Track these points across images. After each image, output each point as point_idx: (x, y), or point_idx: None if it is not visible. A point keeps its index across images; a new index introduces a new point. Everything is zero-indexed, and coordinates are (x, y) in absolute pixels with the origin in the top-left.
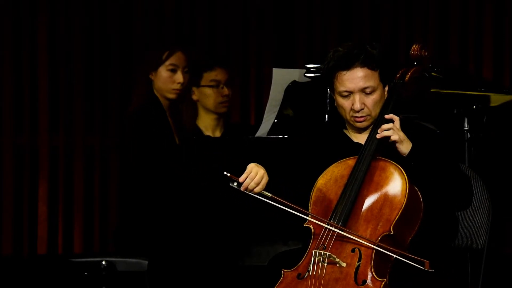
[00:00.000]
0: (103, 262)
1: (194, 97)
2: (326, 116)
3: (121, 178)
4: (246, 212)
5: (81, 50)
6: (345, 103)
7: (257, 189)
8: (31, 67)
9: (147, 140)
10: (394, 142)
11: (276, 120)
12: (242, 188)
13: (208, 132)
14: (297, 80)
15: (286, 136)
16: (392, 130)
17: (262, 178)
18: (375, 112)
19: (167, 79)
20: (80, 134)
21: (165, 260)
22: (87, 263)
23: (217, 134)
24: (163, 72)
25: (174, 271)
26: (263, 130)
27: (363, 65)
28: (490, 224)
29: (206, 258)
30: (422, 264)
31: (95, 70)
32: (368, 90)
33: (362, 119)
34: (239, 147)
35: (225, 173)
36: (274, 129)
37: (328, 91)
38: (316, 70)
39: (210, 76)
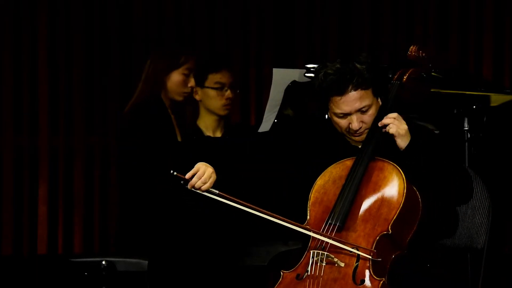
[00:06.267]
0: (103, 262)
1: (197, 97)
2: (326, 115)
3: (120, 178)
4: (246, 212)
5: (81, 50)
6: (341, 121)
7: (204, 187)
8: (31, 67)
9: (147, 135)
10: (393, 136)
11: (276, 120)
12: (188, 186)
13: (208, 133)
14: (297, 80)
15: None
16: (393, 124)
17: (209, 177)
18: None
19: (182, 82)
20: (80, 134)
21: (165, 260)
22: (87, 263)
23: (218, 134)
24: (177, 75)
25: (174, 271)
26: (263, 130)
27: (356, 88)
28: (490, 224)
29: (206, 258)
30: None
31: (95, 70)
32: (364, 109)
33: (359, 133)
34: (238, 147)
35: (171, 171)
36: (274, 129)
37: None
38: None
39: (215, 78)
